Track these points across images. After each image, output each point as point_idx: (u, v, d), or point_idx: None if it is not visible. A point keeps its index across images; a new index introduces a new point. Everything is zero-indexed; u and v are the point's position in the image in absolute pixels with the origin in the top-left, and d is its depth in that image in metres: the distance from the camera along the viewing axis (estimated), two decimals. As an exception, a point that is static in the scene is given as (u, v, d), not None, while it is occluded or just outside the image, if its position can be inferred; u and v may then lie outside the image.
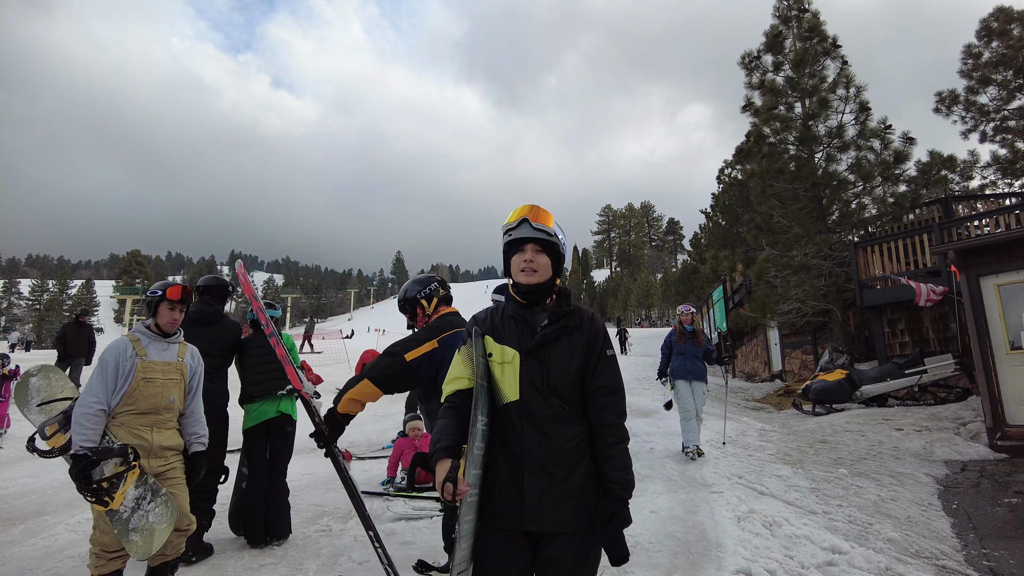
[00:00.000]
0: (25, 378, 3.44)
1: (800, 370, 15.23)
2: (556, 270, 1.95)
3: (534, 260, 1.90)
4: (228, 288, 4.74)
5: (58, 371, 3.56)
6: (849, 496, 5.24)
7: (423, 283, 3.28)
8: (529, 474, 1.77)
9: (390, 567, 2.71)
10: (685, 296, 60.12)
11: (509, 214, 1.97)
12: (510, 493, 1.77)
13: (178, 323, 3.17)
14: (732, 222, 25.69)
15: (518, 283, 1.93)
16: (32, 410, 3.36)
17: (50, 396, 3.42)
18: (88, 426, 2.78)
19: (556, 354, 1.86)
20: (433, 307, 3.21)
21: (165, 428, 3.03)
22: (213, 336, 4.28)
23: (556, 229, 1.94)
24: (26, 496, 5.70)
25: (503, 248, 1.98)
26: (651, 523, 4.52)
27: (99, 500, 2.71)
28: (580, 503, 1.77)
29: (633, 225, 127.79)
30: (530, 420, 1.81)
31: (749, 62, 14.41)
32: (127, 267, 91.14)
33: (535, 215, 1.92)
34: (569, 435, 1.82)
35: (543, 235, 1.90)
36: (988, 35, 16.45)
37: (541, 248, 1.91)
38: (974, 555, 4.03)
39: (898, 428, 8.04)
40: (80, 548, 4.03)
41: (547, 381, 1.83)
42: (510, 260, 1.96)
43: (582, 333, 1.90)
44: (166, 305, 3.12)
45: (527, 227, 1.90)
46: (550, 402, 1.82)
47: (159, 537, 2.80)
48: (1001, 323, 7.37)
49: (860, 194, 13.18)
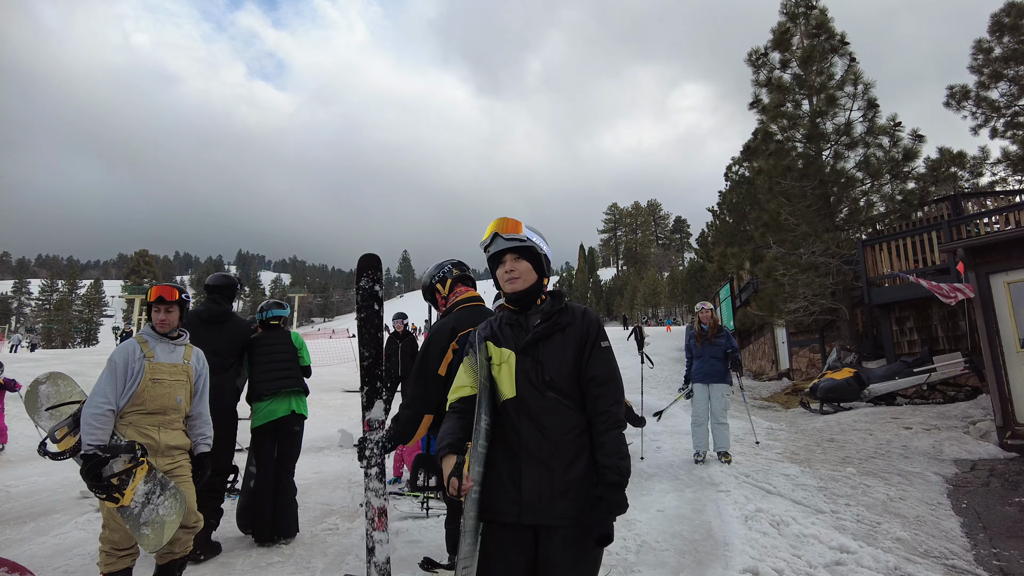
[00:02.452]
0: (34, 386, 3.48)
1: (808, 369, 15.16)
2: (540, 272, 2.04)
3: (514, 268, 2.00)
4: (236, 286, 4.76)
5: (67, 377, 3.60)
6: (857, 495, 5.21)
7: (437, 267, 3.34)
8: (527, 468, 1.82)
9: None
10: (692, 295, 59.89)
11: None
12: (508, 487, 1.82)
13: (169, 324, 3.16)
14: (739, 220, 25.52)
15: (506, 293, 2.03)
16: (42, 416, 3.41)
17: (59, 401, 3.46)
18: (97, 426, 2.83)
19: (550, 350, 1.93)
20: (448, 288, 3.23)
21: (172, 428, 3.09)
22: (223, 335, 4.30)
23: (528, 233, 2.02)
24: (36, 495, 5.75)
25: (488, 265, 2.09)
26: (658, 522, 4.51)
27: (110, 497, 2.76)
28: (578, 496, 1.80)
29: (640, 223, 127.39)
30: (527, 415, 1.87)
31: (756, 59, 14.31)
32: (135, 267, 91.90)
33: (504, 227, 2.02)
34: (566, 428, 1.86)
35: (516, 243, 2.00)
36: (999, 30, 16.28)
37: (519, 255, 2.02)
38: (984, 555, 3.99)
39: (907, 427, 7.98)
40: (90, 546, 4.06)
41: (542, 376, 1.89)
42: (495, 275, 2.06)
43: (575, 328, 1.96)
44: (155, 307, 3.16)
45: (499, 240, 2.01)
46: (546, 396, 1.87)
47: (169, 529, 2.86)
48: (1011, 321, 7.30)
49: (868, 192, 13.08)
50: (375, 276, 2.70)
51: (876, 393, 9.99)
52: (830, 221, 13.07)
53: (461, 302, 3.12)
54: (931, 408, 9.01)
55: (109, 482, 2.76)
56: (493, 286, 2.24)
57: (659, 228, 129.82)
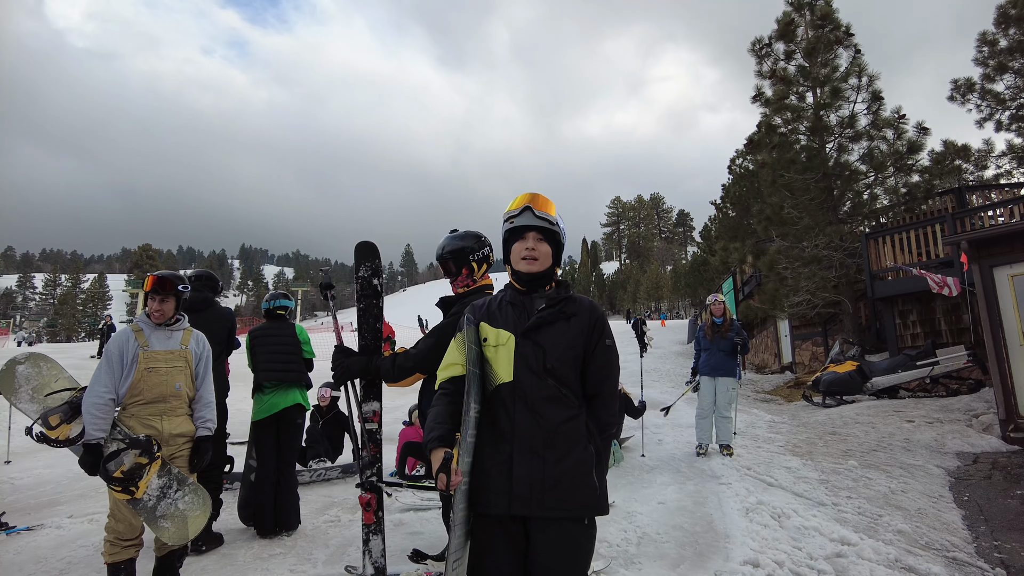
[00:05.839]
0: (11, 365, 3.34)
1: (811, 362, 15.13)
2: (556, 259, 1.96)
3: (536, 248, 1.90)
4: (218, 280, 4.69)
5: (49, 359, 3.47)
6: (859, 488, 5.21)
7: (477, 241, 2.74)
8: (519, 456, 1.75)
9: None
10: (695, 289, 59.81)
11: (510, 202, 1.98)
12: (499, 478, 1.76)
13: (164, 315, 3.12)
14: (743, 213, 25.45)
15: (518, 271, 1.94)
16: (21, 399, 3.28)
17: (42, 385, 3.34)
18: (99, 415, 2.85)
19: (552, 335, 1.85)
20: (482, 273, 2.75)
21: (175, 415, 3.07)
22: (204, 323, 4.13)
23: (558, 218, 1.94)
24: (41, 486, 5.79)
25: (503, 236, 1.99)
26: (659, 514, 4.52)
27: (124, 489, 2.79)
28: (570, 488, 1.74)
29: (643, 217, 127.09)
30: (523, 401, 1.79)
31: (760, 50, 14.21)
32: (139, 261, 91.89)
33: (538, 203, 1.91)
34: (562, 417, 1.79)
35: (545, 223, 1.90)
36: (1005, 22, 16.13)
37: (542, 236, 1.92)
38: (985, 547, 3.99)
39: (909, 420, 7.97)
40: (93, 537, 4.09)
41: (543, 362, 1.82)
42: (511, 248, 1.96)
43: (580, 319, 1.89)
44: (150, 296, 3.12)
45: (530, 215, 1.90)
46: (545, 383, 1.80)
47: (194, 524, 2.92)
48: (1015, 314, 7.27)
49: (872, 185, 13.03)
50: (374, 266, 2.67)
51: (879, 386, 9.97)
52: (833, 214, 13.01)
53: (486, 287, 2.82)
54: (934, 401, 8.99)
55: (114, 474, 2.78)
56: (501, 260, 2.10)
57: (662, 221, 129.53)
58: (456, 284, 2.73)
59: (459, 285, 2.72)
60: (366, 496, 2.48)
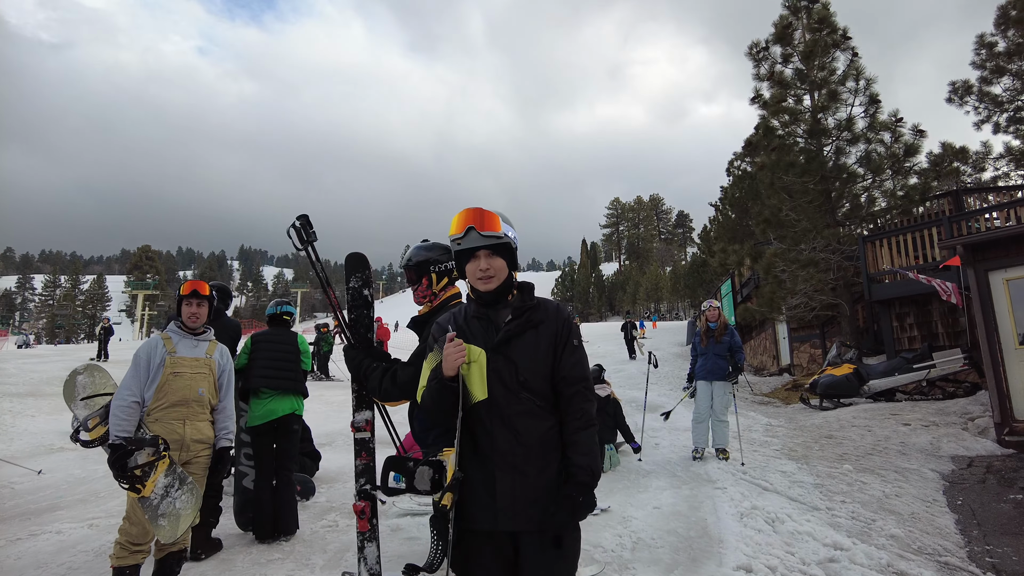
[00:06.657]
0: (72, 376, 3.69)
1: (808, 364, 15.17)
2: (512, 266, 1.93)
3: (490, 267, 1.87)
4: (231, 292, 4.82)
5: (103, 370, 3.81)
6: (853, 492, 5.24)
7: (446, 254, 2.74)
8: (500, 473, 1.76)
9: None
10: (694, 290, 59.86)
11: (451, 224, 1.90)
12: (482, 495, 1.76)
13: (200, 319, 3.36)
14: (741, 215, 25.50)
15: (477, 291, 1.91)
16: (77, 404, 3.60)
17: (94, 392, 3.65)
18: (124, 417, 3.01)
19: (523, 348, 1.84)
20: (442, 287, 2.76)
21: (197, 420, 3.22)
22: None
23: (506, 228, 1.89)
24: (41, 491, 5.81)
25: (453, 256, 1.96)
26: (654, 519, 4.55)
27: (132, 487, 2.89)
28: (553, 500, 1.76)
29: (642, 218, 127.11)
30: (500, 418, 1.79)
31: (757, 53, 14.27)
32: (138, 262, 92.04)
33: (481, 222, 1.86)
34: (540, 430, 1.80)
35: (493, 240, 1.86)
36: (1005, 23, 16.15)
37: (494, 252, 1.88)
38: (977, 551, 4.02)
39: (905, 423, 8.01)
40: (93, 543, 4.12)
41: (516, 376, 1.81)
42: (463, 267, 1.93)
43: (548, 325, 1.87)
44: (186, 301, 3.35)
45: (475, 236, 1.85)
46: (520, 397, 1.80)
47: (184, 522, 3.00)
48: (1010, 318, 7.31)
49: (870, 187, 13.07)
50: (364, 276, 2.72)
51: (876, 389, 10.01)
52: (831, 217, 13.05)
53: (452, 298, 2.80)
54: (930, 404, 9.03)
55: (133, 472, 2.89)
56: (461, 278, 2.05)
57: (661, 223, 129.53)
58: (417, 293, 2.76)
59: (419, 295, 2.75)
60: (360, 504, 2.51)
